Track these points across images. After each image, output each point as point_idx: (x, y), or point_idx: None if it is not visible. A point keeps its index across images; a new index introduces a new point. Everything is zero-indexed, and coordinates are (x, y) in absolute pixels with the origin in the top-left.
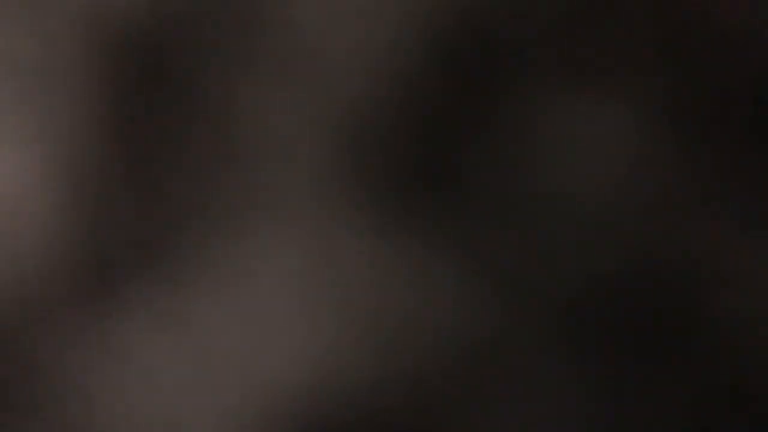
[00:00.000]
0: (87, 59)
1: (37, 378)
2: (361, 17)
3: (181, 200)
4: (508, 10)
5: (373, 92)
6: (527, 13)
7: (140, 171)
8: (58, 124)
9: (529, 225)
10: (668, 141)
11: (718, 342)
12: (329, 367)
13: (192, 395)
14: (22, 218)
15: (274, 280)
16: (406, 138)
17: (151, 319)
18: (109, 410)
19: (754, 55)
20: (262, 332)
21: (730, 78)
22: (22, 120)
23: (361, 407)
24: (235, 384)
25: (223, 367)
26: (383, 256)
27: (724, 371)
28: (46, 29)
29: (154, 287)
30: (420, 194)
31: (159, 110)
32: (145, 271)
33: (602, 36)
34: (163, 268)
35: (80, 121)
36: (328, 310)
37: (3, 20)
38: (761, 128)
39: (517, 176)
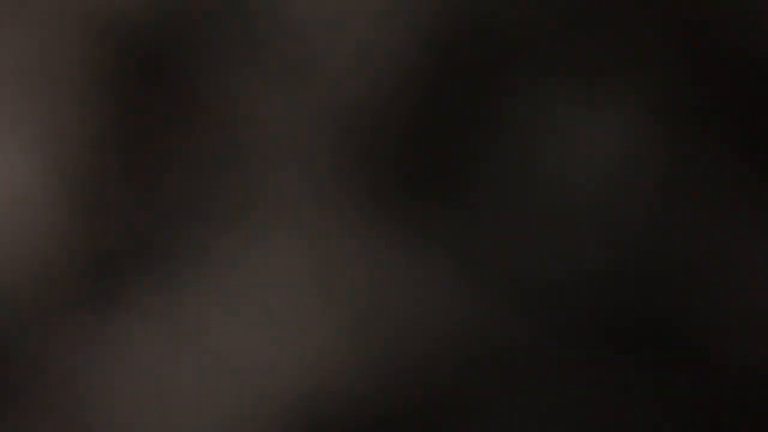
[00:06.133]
0: (87, 59)
1: (38, 378)
2: (362, 18)
3: (182, 200)
4: (509, 11)
5: (373, 93)
6: (527, 15)
7: (140, 171)
8: (59, 124)
9: (530, 225)
10: (668, 141)
11: (717, 342)
12: (328, 368)
13: (191, 395)
14: (23, 218)
15: (273, 280)
16: (406, 138)
17: (151, 319)
18: (109, 410)
19: (754, 54)
20: (261, 332)
21: (730, 77)
22: (22, 120)
23: (360, 407)
24: (234, 384)
25: (222, 367)
26: (383, 256)
27: (724, 371)
28: (46, 29)
29: (154, 288)
30: (420, 194)
31: (159, 110)
32: (145, 271)
33: (602, 36)
34: (163, 268)
35: (80, 120)
36: (327, 310)
37: (3, 20)
38: (761, 128)
39: (517, 176)
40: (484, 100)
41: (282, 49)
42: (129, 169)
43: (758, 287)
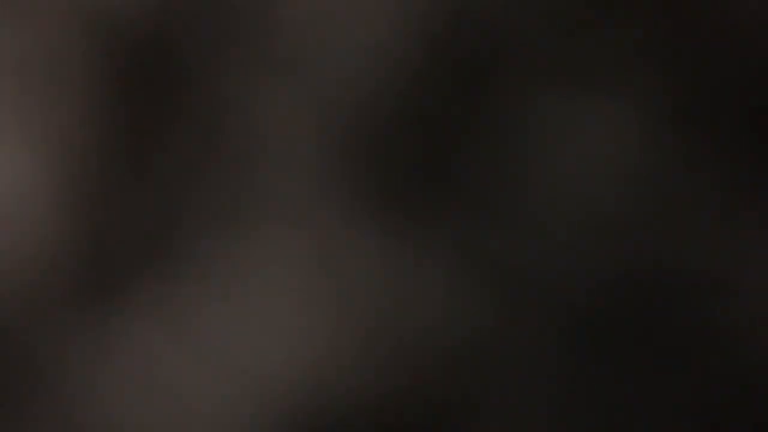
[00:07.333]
0: (89, 59)
1: (38, 377)
2: (361, 19)
3: (182, 200)
4: (508, 10)
5: (373, 93)
6: (526, 14)
7: (141, 171)
8: (59, 124)
9: (530, 226)
10: (668, 141)
11: (718, 343)
12: (329, 365)
13: (192, 393)
14: (23, 218)
15: (274, 278)
16: (407, 138)
17: (151, 318)
18: (109, 409)
19: (755, 55)
20: (262, 331)
21: (731, 78)
22: (22, 120)
23: (360, 405)
24: (235, 382)
25: (223, 365)
26: (383, 255)
27: (725, 372)
28: (47, 30)
29: (154, 287)
30: (420, 195)
31: (160, 110)
32: (146, 271)
33: (602, 36)
34: (163, 267)
35: (81, 120)
36: (327, 307)
37: (3, 21)
38: (761, 128)
39: (517, 177)
40: (485, 101)
41: (283, 50)
42: (130, 168)
43: (759, 288)
